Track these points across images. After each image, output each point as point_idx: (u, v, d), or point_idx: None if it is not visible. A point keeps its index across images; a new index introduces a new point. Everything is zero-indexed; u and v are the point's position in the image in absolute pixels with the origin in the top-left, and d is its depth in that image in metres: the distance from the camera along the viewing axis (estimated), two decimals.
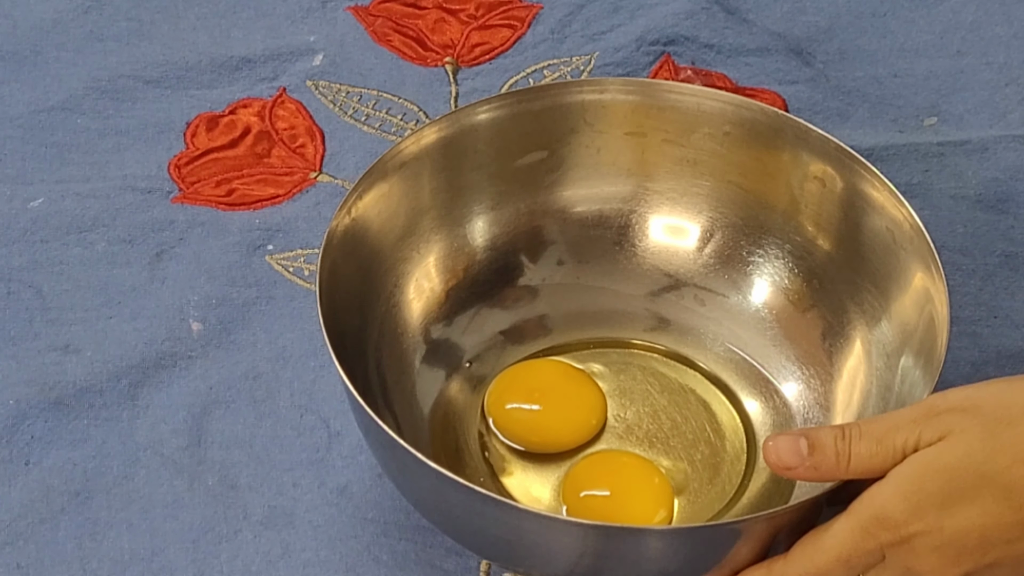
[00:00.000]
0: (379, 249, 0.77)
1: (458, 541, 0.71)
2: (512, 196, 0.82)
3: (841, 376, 0.77)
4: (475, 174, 0.80)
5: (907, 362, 0.72)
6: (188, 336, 0.83)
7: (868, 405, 0.74)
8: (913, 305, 0.73)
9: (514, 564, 0.70)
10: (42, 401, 0.80)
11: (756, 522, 0.63)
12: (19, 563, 0.73)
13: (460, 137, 0.79)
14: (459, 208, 0.81)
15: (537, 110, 0.80)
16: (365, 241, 0.76)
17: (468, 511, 0.65)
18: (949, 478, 0.59)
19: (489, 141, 0.80)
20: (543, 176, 0.82)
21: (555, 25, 1.02)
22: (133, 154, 0.94)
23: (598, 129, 0.80)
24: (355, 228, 0.75)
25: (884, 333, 0.75)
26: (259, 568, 0.73)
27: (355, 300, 0.75)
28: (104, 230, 0.89)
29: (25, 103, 0.97)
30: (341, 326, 0.71)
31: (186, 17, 1.04)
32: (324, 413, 0.79)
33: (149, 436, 0.79)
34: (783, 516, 0.63)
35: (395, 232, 0.78)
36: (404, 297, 0.79)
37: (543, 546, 0.65)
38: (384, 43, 1.01)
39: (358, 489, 0.76)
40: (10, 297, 0.85)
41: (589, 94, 0.80)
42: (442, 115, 0.79)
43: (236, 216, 0.90)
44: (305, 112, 0.97)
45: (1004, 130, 0.94)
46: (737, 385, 0.79)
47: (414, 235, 0.79)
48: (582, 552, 0.64)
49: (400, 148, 0.77)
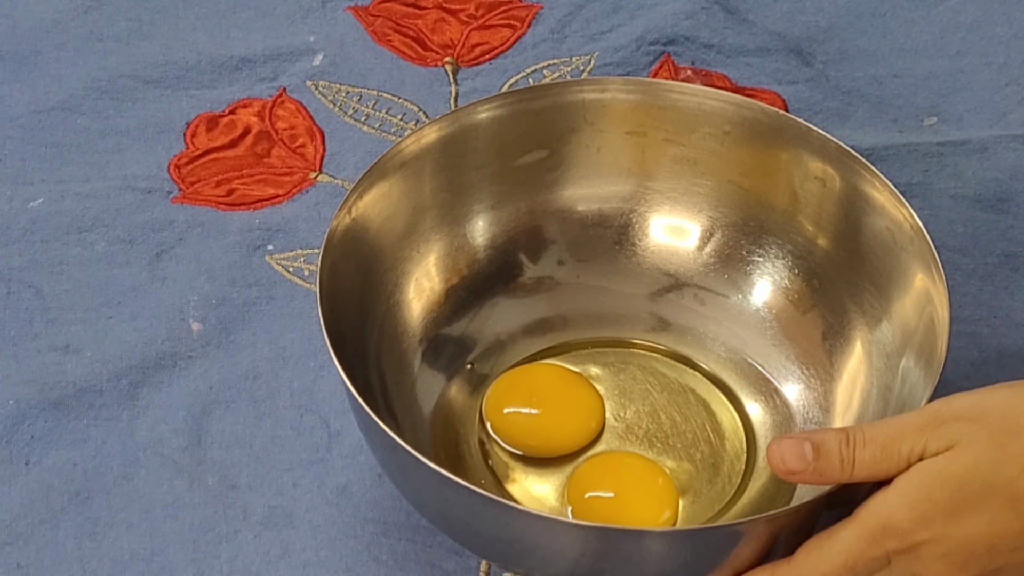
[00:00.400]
0: (379, 249, 0.77)
1: (458, 542, 0.71)
2: (512, 195, 0.82)
3: (841, 377, 0.77)
4: (475, 173, 0.80)
5: (907, 363, 0.72)
6: (188, 336, 0.83)
7: (868, 406, 0.74)
8: (913, 306, 0.73)
9: (514, 565, 0.70)
10: (42, 401, 0.80)
11: (757, 524, 0.63)
12: (19, 563, 0.73)
13: (460, 136, 0.79)
14: (459, 207, 0.81)
15: (537, 109, 0.80)
16: (365, 241, 0.76)
17: (468, 512, 0.65)
18: (957, 488, 0.59)
19: (489, 140, 0.80)
20: (543, 175, 0.82)
21: (555, 25, 1.02)
22: (133, 154, 0.94)
23: (598, 128, 0.80)
24: (355, 228, 0.75)
25: (884, 334, 0.75)
26: (259, 568, 0.73)
27: (355, 300, 0.75)
28: (104, 230, 0.89)
29: (25, 103, 0.97)
30: (341, 326, 0.70)
31: (186, 17, 1.04)
32: (324, 413, 0.79)
33: (149, 436, 0.79)
34: (784, 518, 0.63)
35: (395, 232, 0.78)
36: (404, 297, 0.79)
37: (543, 547, 0.65)
38: (384, 43, 1.01)
39: (358, 489, 0.76)
40: (10, 297, 0.85)
41: (590, 93, 0.80)
42: (442, 115, 0.79)
43: (236, 216, 0.90)
44: (305, 112, 0.97)
45: (1004, 130, 0.94)
46: (737, 385, 0.79)
47: (414, 235, 0.79)
48: (582, 553, 0.64)
49: (400, 148, 0.77)
